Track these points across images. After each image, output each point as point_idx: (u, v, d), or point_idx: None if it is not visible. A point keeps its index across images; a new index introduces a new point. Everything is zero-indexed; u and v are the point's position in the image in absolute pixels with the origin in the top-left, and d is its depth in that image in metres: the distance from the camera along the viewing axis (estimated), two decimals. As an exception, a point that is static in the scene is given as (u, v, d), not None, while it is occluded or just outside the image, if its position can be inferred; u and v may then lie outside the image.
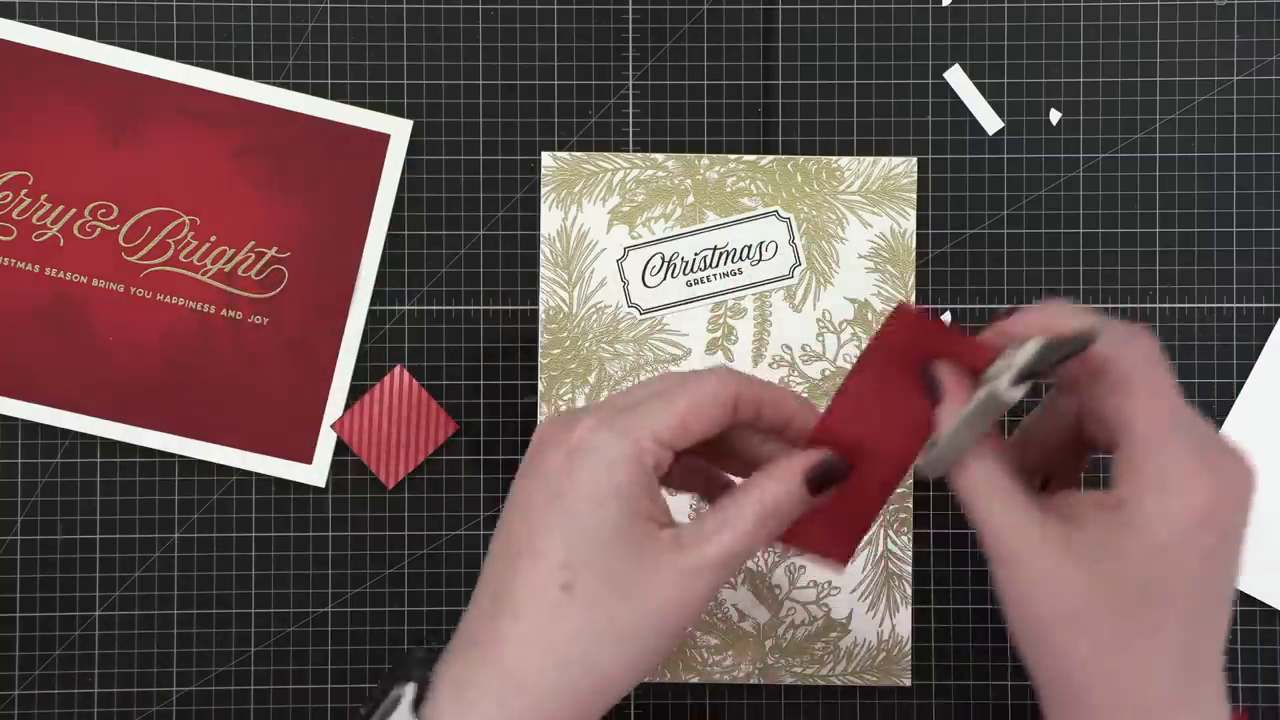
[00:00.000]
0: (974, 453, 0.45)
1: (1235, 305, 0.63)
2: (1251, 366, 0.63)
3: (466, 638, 0.45)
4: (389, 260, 0.63)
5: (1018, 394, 0.43)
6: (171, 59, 0.62)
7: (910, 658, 0.62)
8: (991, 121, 0.63)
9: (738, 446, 0.48)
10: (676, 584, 0.43)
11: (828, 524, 0.47)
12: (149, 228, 0.62)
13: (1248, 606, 0.62)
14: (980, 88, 0.63)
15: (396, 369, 0.62)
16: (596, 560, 0.43)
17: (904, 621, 0.62)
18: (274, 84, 0.62)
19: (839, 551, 0.47)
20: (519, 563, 0.44)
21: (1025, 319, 0.45)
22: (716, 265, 0.62)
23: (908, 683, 0.62)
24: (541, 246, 0.63)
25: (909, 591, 0.62)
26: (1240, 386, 0.63)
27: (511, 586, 0.44)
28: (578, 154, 0.62)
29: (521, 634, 0.43)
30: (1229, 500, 0.44)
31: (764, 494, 0.45)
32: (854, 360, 0.47)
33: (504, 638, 0.43)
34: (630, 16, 0.63)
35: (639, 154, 0.63)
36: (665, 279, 0.62)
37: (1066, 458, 0.50)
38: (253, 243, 0.62)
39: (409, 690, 0.44)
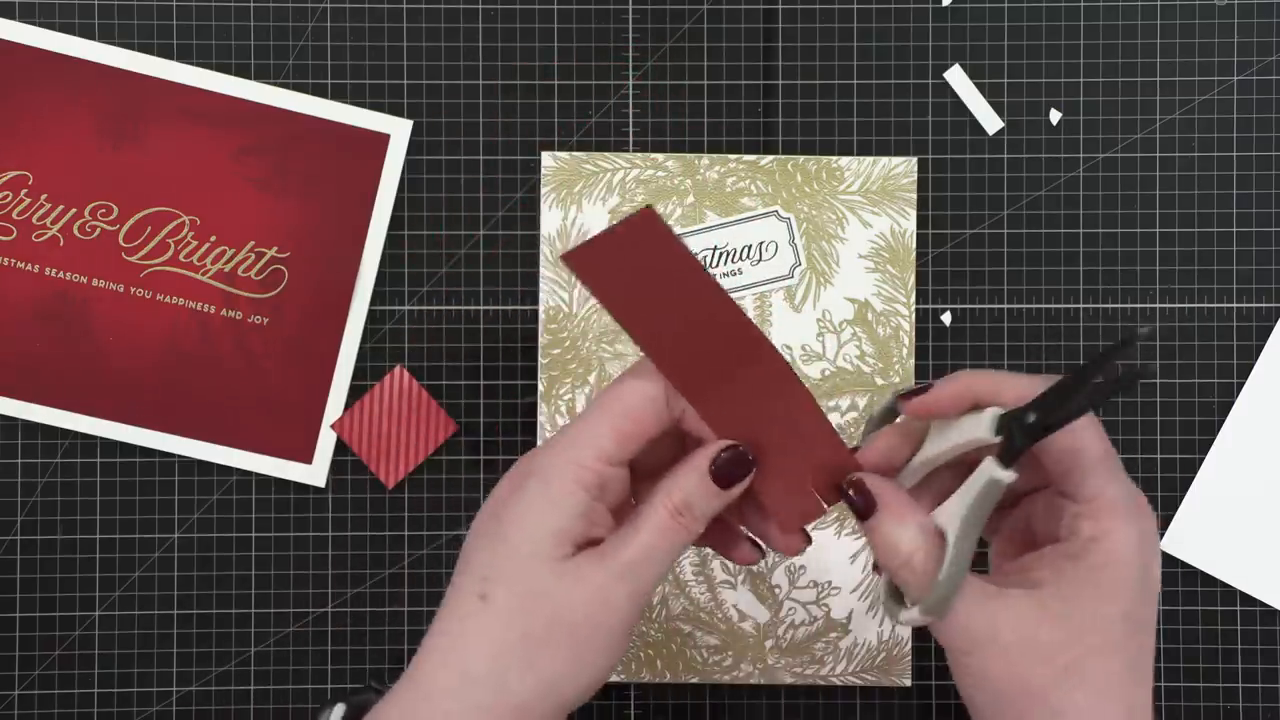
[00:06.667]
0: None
1: (1235, 305, 0.63)
2: (1251, 366, 0.63)
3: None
4: (389, 260, 0.63)
5: (1012, 475, 0.43)
6: (171, 59, 0.62)
7: (910, 658, 0.62)
8: (991, 121, 0.63)
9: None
10: (593, 594, 0.43)
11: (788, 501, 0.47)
12: (149, 228, 0.62)
13: (1248, 606, 0.62)
14: (980, 88, 0.63)
15: (396, 369, 0.62)
16: (514, 574, 0.43)
17: (904, 621, 0.62)
18: (274, 84, 0.62)
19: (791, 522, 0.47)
20: (455, 581, 0.45)
21: (953, 389, 0.46)
22: (716, 265, 0.62)
23: (908, 683, 0.62)
24: (541, 246, 0.63)
25: (909, 591, 0.62)
26: (1240, 386, 0.63)
27: (445, 603, 0.44)
28: (578, 154, 0.63)
29: (437, 646, 0.44)
30: (1152, 518, 0.46)
31: (670, 490, 0.44)
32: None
33: (424, 652, 0.44)
34: (630, 16, 0.63)
35: (639, 154, 0.63)
36: (665, 279, 0.62)
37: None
38: (253, 243, 0.62)
39: (336, 712, 0.45)
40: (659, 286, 0.44)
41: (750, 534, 0.49)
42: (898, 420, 0.49)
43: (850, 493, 0.46)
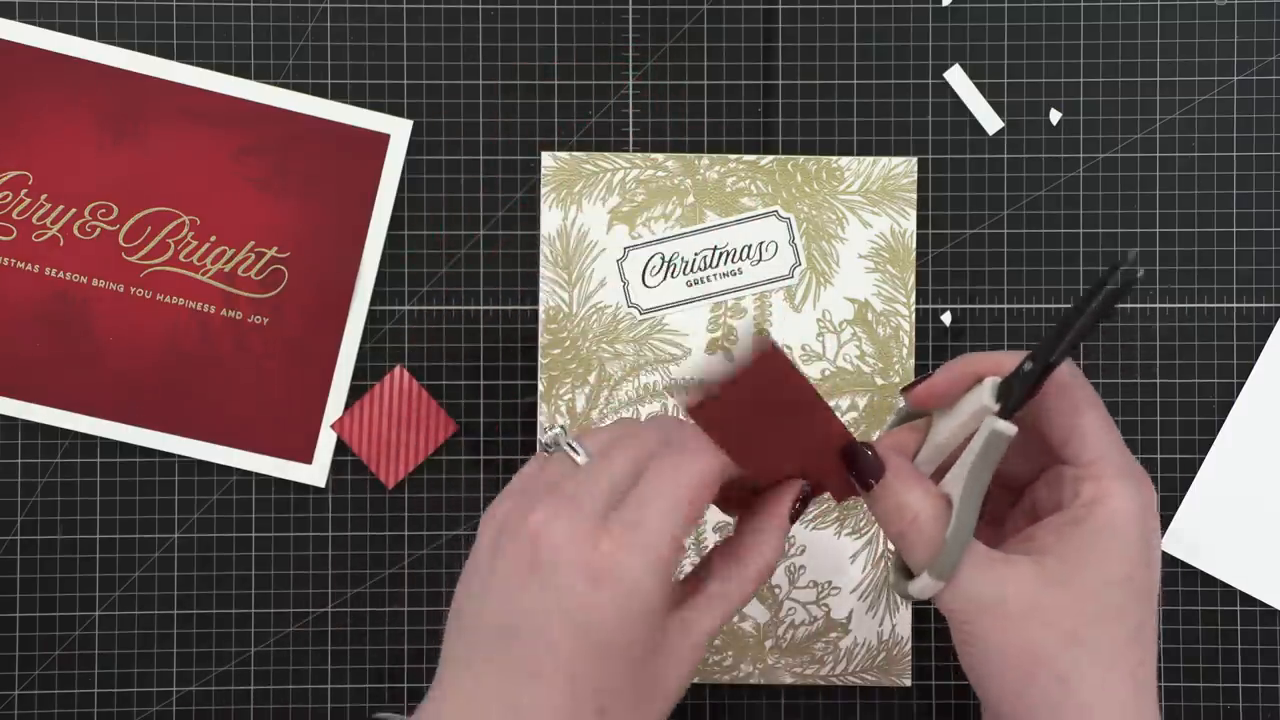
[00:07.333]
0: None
1: (1235, 305, 0.63)
2: (1251, 366, 0.63)
3: None
4: (389, 260, 0.63)
5: (1013, 427, 0.45)
6: (171, 59, 0.62)
7: (910, 658, 0.62)
8: (991, 121, 0.63)
9: None
10: (684, 663, 0.44)
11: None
12: (149, 228, 0.62)
13: (1248, 606, 0.62)
14: (980, 88, 0.63)
15: (396, 369, 0.62)
16: (630, 681, 0.43)
17: (904, 621, 0.62)
18: (274, 84, 0.62)
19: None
20: (538, 685, 0.42)
21: (954, 370, 0.47)
22: (716, 265, 0.62)
23: (908, 683, 0.62)
24: (541, 246, 0.63)
25: (909, 591, 0.62)
26: (1240, 386, 0.63)
27: (534, 708, 0.42)
28: (578, 154, 0.63)
29: None
30: (1152, 489, 0.46)
31: (762, 554, 0.46)
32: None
33: None
34: (630, 16, 0.63)
35: (639, 154, 0.63)
36: (665, 279, 0.62)
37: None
38: (253, 243, 0.62)
39: None
40: (768, 409, 0.44)
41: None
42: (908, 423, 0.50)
43: (859, 456, 0.46)
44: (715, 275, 0.62)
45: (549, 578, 0.42)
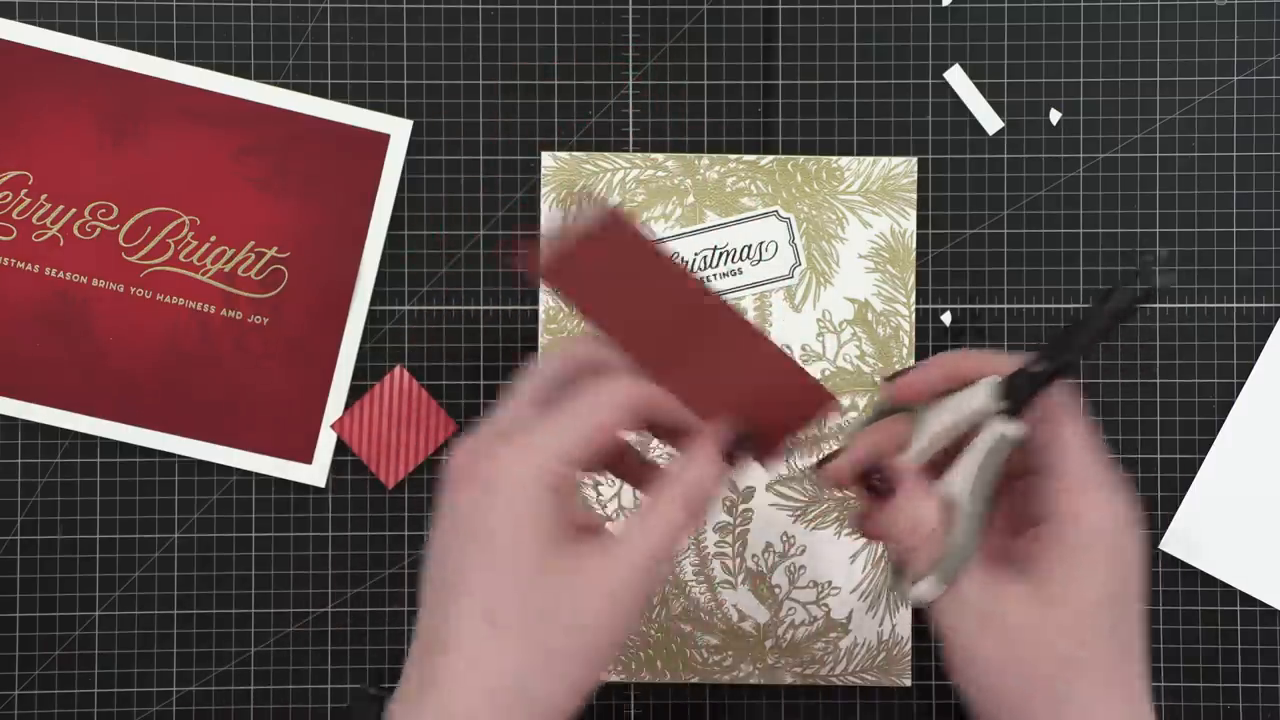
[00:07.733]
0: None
1: (1235, 305, 0.63)
2: (1251, 366, 0.63)
3: (405, 683, 0.45)
4: (389, 260, 0.63)
5: (1021, 428, 0.45)
6: (171, 59, 0.62)
7: (910, 658, 0.62)
8: (991, 121, 0.63)
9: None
10: (607, 594, 0.43)
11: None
12: (149, 228, 0.62)
13: (1248, 606, 0.62)
14: (980, 88, 0.63)
15: (396, 369, 0.62)
16: (520, 591, 0.43)
17: (904, 621, 0.62)
18: (274, 84, 0.62)
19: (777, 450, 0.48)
20: (446, 604, 0.44)
21: (938, 368, 0.47)
22: (716, 265, 0.62)
23: (908, 683, 0.62)
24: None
25: (909, 591, 0.62)
26: (1240, 386, 0.63)
27: (443, 626, 0.44)
28: (578, 154, 0.63)
29: (454, 671, 0.43)
30: (1127, 492, 0.46)
31: (685, 485, 0.45)
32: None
33: (438, 677, 0.43)
34: (630, 16, 0.63)
35: (639, 154, 0.63)
36: (665, 279, 0.62)
37: None
38: (253, 243, 0.62)
39: None
40: (624, 278, 0.45)
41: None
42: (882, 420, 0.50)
43: (874, 479, 0.46)
44: (715, 275, 0.62)
45: (450, 496, 0.44)
